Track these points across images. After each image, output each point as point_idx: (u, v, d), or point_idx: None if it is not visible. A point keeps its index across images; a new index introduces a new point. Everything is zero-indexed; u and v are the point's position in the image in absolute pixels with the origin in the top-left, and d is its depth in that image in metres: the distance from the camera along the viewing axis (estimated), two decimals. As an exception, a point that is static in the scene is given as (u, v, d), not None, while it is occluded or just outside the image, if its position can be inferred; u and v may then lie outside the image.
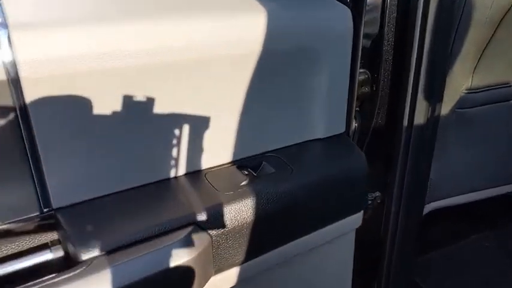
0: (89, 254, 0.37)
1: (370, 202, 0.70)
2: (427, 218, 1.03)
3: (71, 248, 0.38)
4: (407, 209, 0.76)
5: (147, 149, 0.44)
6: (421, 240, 0.83)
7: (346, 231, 0.58)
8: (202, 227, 0.42)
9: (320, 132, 0.55)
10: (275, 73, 0.48)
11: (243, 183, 0.46)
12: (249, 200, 0.44)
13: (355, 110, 0.69)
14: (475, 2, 0.72)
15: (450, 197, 1.06)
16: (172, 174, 0.47)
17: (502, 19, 0.75)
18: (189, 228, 0.40)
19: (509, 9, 0.74)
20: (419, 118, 0.68)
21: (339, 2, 0.52)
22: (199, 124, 0.46)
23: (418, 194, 0.76)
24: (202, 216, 0.42)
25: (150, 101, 0.41)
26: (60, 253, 0.39)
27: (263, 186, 0.47)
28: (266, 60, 0.46)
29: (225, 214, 0.43)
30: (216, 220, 0.43)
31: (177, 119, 0.44)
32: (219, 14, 0.45)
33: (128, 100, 0.40)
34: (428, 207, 1.02)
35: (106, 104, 0.40)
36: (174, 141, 0.44)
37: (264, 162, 0.50)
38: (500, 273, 1.04)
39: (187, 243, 0.39)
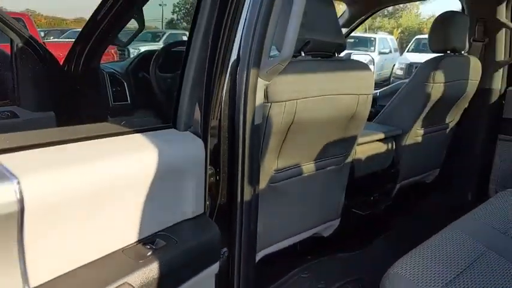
0: None
1: (221, 256, 1.01)
2: (263, 261, 1.40)
3: None
4: (245, 258, 1.08)
5: None
6: (259, 281, 1.16)
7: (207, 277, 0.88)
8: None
9: (190, 214, 0.85)
10: (151, 192, 0.75)
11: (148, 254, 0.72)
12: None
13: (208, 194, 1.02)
14: (272, 120, 1.16)
15: (275, 244, 1.46)
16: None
17: (288, 129, 1.22)
18: None
19: (292, 123, 1.21)
20: (247, 195, 1.03)
21: (196, 136, 0.85)
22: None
23: (250, 247, 1.10)
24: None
25: None
26: None
27: (161, 253, 0.73)
28: (140, 186, 0.73)
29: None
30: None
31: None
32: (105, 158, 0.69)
33: None
34: (261, 254, 1.39)
35: None
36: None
37: (157, 239, 0.77)
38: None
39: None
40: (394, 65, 10.26)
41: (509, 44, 2.05)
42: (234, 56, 0.88)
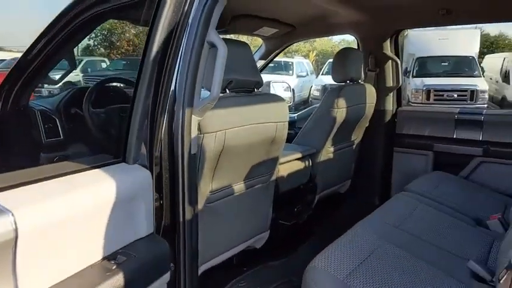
0: None
1: (171, 269, 1.15)
2: (205, 274, 1.55)
3: None
4: (189, 272, 1.24)
5: None
6: None
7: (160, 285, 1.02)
8: None
9: (143, 233, 1.00)
10: (111, 216, 0.90)
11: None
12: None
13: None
14: (205, 149, 1.35)
15: (215, 258, 1.63)
16: None
17: (219, 155, 1.41)
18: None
19: (222, 150, 1.41)
20: (187, 215, 1.20)
21: (143, 168, 1.01)
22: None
23: (193, 262, 1.25)
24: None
25: None
26: None
27: (123, 266, 0.88)
28: (102, 212, 0.88)
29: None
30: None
31: None
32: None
33: None
34: (203, 268, 1.54)
35: None
36: None
37: (118, 255, 0.91)
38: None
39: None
40: (311, 87, 11.08)
41: (396, 72, 2.50)
42: (171, 100, 1.07)
